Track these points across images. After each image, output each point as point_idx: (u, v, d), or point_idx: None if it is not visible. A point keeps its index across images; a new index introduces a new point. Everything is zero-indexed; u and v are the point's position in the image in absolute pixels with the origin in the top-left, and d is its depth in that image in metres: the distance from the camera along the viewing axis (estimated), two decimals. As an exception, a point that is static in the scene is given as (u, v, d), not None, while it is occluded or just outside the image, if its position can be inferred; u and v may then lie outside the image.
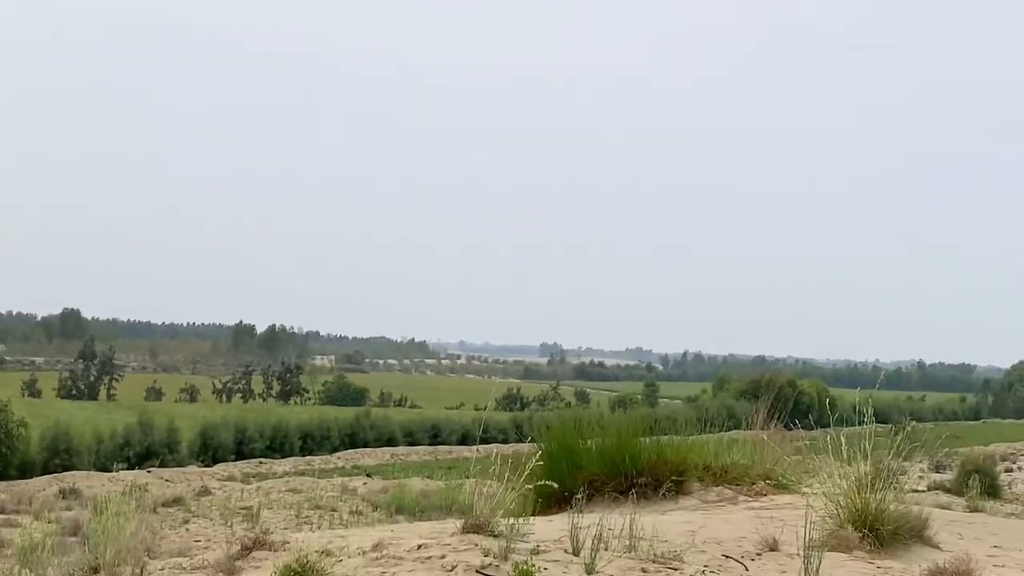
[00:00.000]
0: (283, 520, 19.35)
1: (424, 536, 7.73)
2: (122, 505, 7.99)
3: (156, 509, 20.49)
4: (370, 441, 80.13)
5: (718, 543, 8.25)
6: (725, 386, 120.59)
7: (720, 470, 13.45)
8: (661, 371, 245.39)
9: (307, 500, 24.02)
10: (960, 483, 24.44)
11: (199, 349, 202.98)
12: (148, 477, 40.63)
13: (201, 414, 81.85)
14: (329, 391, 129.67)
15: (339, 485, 30.44)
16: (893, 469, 9.05)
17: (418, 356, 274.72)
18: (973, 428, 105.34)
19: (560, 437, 13.52)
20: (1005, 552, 9.33)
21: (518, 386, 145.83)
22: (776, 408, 15.40)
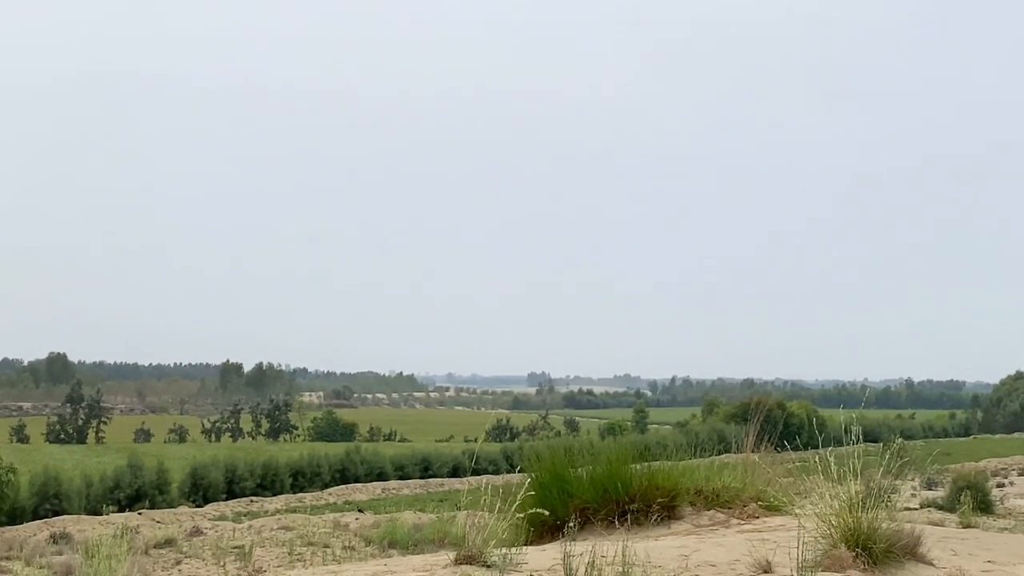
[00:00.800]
0: (276, 558, 19.24)
1: (417, 569, 7.72)
2: (113, 548, 7.98)
3: (148, 551, 20.36)
4: (361, 476, 79.92)
5: (712, 566, 8.25)
6: (714, 410, 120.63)
7: (711, 494, 13.44)
8: (650, 397, 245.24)
9: (299, 537, 23.89)
10: (952, 499, 24.47)
11: (187, 389, 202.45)
12: (139, 519, 40.40)
13: (191, 454, 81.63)
14: (318, 427, 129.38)
15: (331, 521, 30.31)
16: (884, 487, 9.07)
17: (406, 390, 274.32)
18: (963, 444, 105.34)
19: (550, 466, 13.50)
20: (999, 567, 9.34)
21: (507, 417, 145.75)
22: (766, 430, 15.42)
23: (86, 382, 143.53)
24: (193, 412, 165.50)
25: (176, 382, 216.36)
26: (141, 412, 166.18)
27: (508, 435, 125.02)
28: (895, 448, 9.42)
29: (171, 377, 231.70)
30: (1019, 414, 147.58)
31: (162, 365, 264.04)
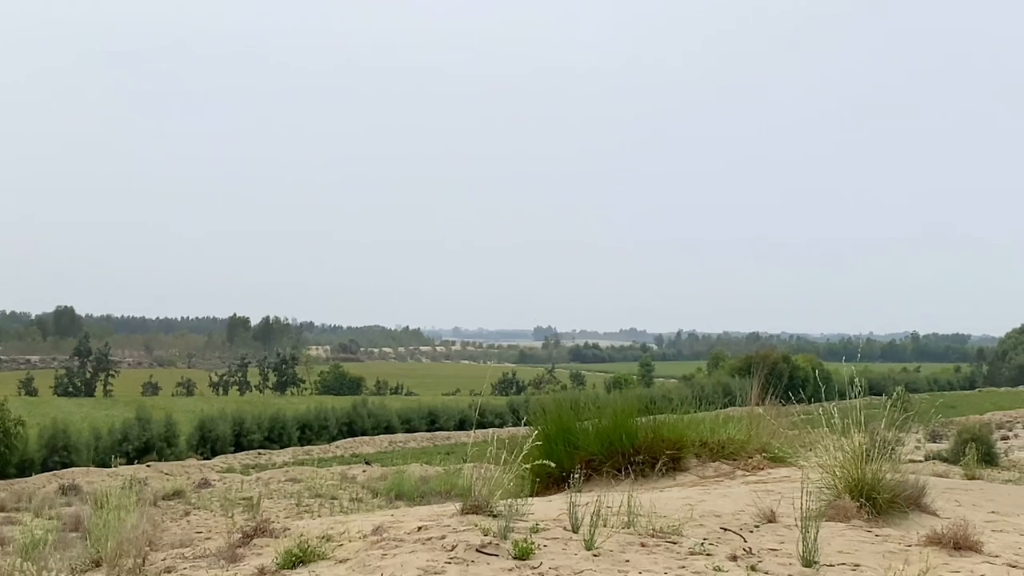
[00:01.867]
0: (283, 509, 19.35)
1: (424, 519, 7.76)
2: (122, 499, 8.01)
3: (156, 502, 20.46)
4: (368, 429, 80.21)
5: (716, 516, 8.28)
6: (720, 363, 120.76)
7: (717, 446, 13.49)
8: (656, 351, 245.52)
9: (307, 489, 24.00)
10: (957, 452, 24.50)
11: (194, 343, 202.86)
12: (147, 471, 40.60)
13: (198, 407, 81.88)
14: (325, 381, 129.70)
15: (338, 473, 30.43)
16: (888, 440, 9.08)
17: (413, 343, 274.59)
18: (968, 397, 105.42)
19: (556, 419, 13.55)
20: (1003, 517, 9.38)
21: (513, 370, 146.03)
22: (771, 383, 15.45)
23: (94, 336, 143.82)
24: (200, 366, 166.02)
25: (183, 336, 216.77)
26: (149, 366, 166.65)
27: (514, 388, 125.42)
28: (898, 399, 9.40)
29: (178, 331, 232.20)
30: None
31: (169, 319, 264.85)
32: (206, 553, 8.15)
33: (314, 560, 6.63)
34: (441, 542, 6.62)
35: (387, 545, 6.75)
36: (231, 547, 7.86)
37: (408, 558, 6.27)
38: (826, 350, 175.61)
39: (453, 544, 6.51)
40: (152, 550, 8.49)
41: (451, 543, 6.54)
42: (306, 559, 6.62)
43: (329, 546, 7.10)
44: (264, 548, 7.68)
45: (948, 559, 6.84)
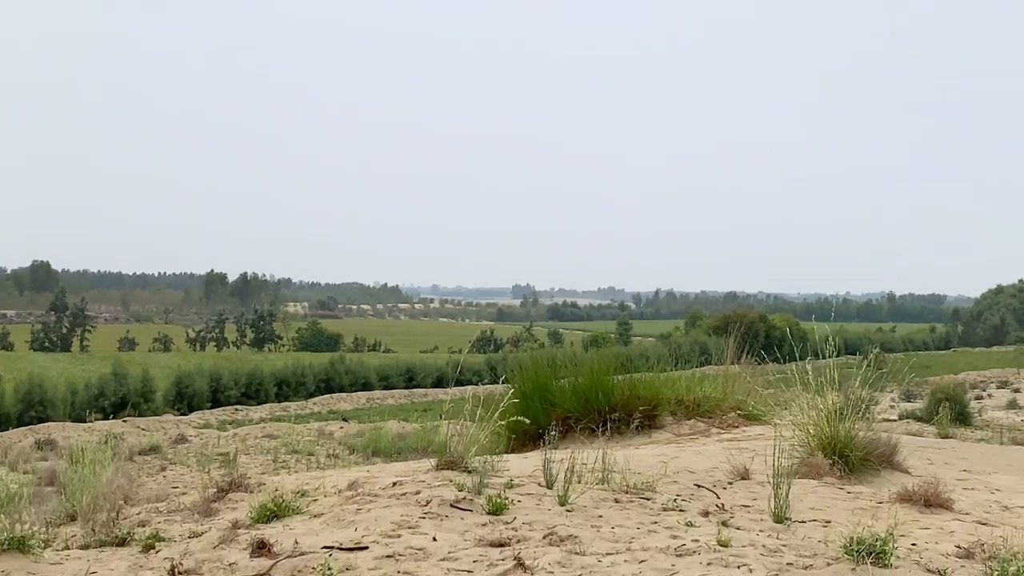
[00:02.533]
0: (260, 465, 19.36)
1: (399, 475, 7.78)
2: (98, 454, 7.99)
3: (132, 457, 20.44)
4: (345, 386, 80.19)
5: (691, 473, 8.33)
6: (697, 323, 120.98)
7: (692, 404, 13.57)
8: (634, 310, 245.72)
9: (284, 445, 24.00)
10: (930, 411, 24.67)
11: (171, 299, 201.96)
12: (124, 426, 40.49)
13: (175, 363, 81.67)
14: (303, 337, 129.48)
15: (315, 430, 30.44)
16: (863, 399, 9.14)
17: (391, 301, 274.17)
18: (943, 357, 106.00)
19: (533, 376, 13.59)
20: (974, 475, 9.46)
21: (492, 328, 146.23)
22: (747, 343, 15.53)
23: (70, 290, 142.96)
24: (177, 322, 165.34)
25: (160, 291, 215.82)
26: (125, 321, 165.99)
27: (492, 346, 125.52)
28: (872, 357, 9.44)
29: (155, 286, 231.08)
30: (999, 328, 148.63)
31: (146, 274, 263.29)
32: (181, 507, 8.16)
33: (288, 515, 6.65)
34: (416, 497, 6.64)
35: (362, 500, 6.77)
36: (206, 501, 7.87)
37: (382, 512, 6.29)
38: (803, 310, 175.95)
39: (427, 499, 6.53)
40: (128, 505, 8.49)
41: (425, 498, 6.56)
42: (280, 514, 6.63)
43: (304, 501, 7.12)
44: (239, 503, 7.70)
45: (919, 516, 6.90)
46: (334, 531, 6.00)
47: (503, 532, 5.84)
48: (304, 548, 5.48)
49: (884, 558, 5.06)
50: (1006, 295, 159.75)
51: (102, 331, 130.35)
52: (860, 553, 5.09)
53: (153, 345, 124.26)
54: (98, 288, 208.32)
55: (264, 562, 5.23)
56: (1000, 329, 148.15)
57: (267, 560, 5.27)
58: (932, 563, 5.19)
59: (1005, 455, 12.29)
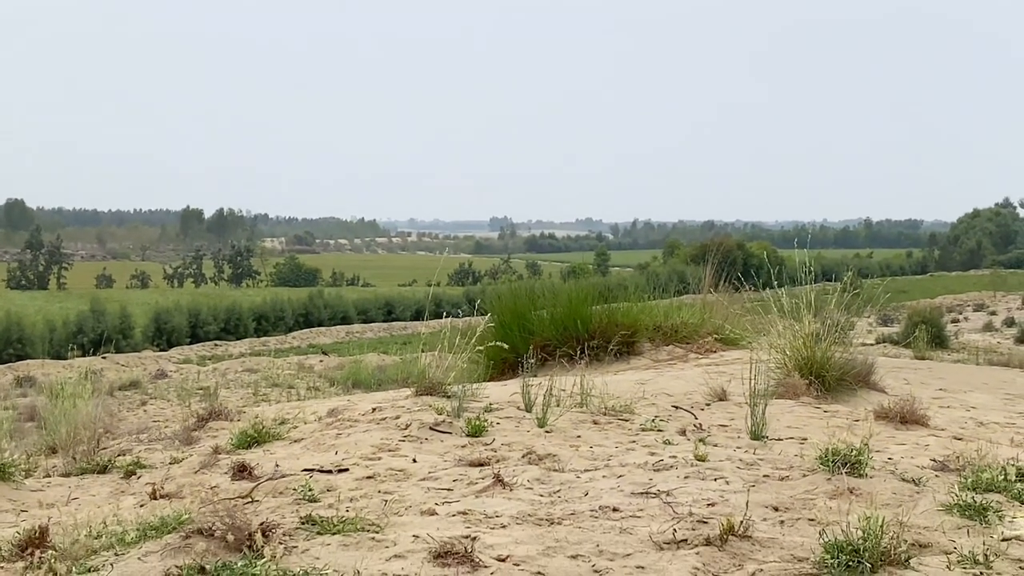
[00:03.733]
0: (241, 399, 19.40)
1: (378, 402, 7.82)
2: (78, 389, 8.00)
3: (113, 393, 20.47)
4: (324, 320, 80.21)
5: (668, 396, 8.40)
6: (675, 252, 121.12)
7: (670, 329, 13.63)
8: (612, 240, 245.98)
9: (264, 379, 24.07)
10: (907, 335, 24.80)
11: (148, 235, 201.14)
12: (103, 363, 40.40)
13: (153, 299, 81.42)
14: (281, 273, 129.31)
15: (295, 364, 30.50)
16: (839, 322, 9.20)
17: (368, 235, 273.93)
18: (920, 282, 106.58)
19: (512, 306, 13.61)
20: (950, 394, 9.57)
21: (470, 261, 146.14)
22: (725, 270, 15.56)
23: (45, 228, 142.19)
24: (154, 258, 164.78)
25: (137, 228, 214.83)
26: (102, 258, 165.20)
27: (471, 279, 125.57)
28: (847, 280, 9.49)
29: (131, 223, 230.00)
30: (975, 252, 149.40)
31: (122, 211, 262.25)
32: (162, 437, 8.19)
33: (269, 440, 6.68)
34: (395, 422, 6.68)
35: (341, 425, 6.81)
36: (187, 430, 7.90)
37: (362, 437, 6.33)
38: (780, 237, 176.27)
39: (407, 423, 6.57)
40: (110, 438, 8.52)
41: (405, 422, 6.60)
42: (261, 440, 6.67)
43: (284, 428, 7.15)
44: (219, 431, 7.73)
45: (895, 432, 6.97)
46: (314, 455, 6.04)
47: (482, 453, 5.89)
48: (285, 471, 5.51)
49: (859, 468, 5.12)
50: (982, 219, 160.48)
51: (79, 268, 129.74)
52: (835, 464, 5.15)
53: (130, 282, 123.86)
54: (74, 226, 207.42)
55: (245, 484, 5.26)
56: (976, 253, 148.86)
57: (248, 483, 5.30)
58: (907, 473, 5.25)
59: (980, 374, 12.42)
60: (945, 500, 4.62)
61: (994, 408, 8.75)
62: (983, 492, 4.81)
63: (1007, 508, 4.59)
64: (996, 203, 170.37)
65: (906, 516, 4.16)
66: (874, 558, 3.78)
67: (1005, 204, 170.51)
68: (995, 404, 9.05)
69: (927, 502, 4.67)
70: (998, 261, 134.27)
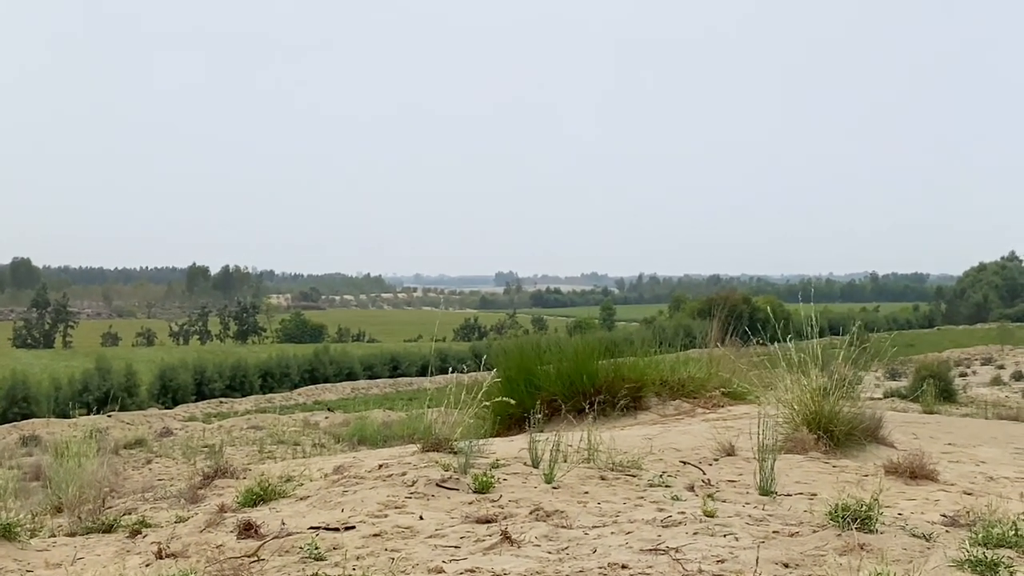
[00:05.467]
0: (246, 456, 19.32)
1: (384, 459, 7.78)
2: (83, 447, 7.98)
3: (118, 451, 20.37)
4: (330, 376, 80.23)
5: (676, 451, 8.36)
6: (681, 306, 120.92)
7: (677, 384, 13.58)
8: (617, 295, 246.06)
9: (269, 436, 23.98)
10: (915, 389, 24.73)
11: (154, 293, 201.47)
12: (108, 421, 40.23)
13: (159, 357, 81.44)
14: (287, 329, 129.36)
15: (301, 420, 30.40)
16: (847, 377, 9.17)
17: (374, 291, 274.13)
18: (927, 336, 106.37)
19: (518, 361, 13.57)
20: (959, 448, 9.52)
21: (475, 316, 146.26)
22: (731, 324, 15.54)
23: (51, 287, 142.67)
24: (160, 316, 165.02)
25: (143, 286, 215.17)
26: (108, 316, 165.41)
27: (476, 334, 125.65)
28: (853, 333, 9.48)
29: (137, 281, 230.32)
30: (982, 305, 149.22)
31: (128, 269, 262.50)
32: (167, 495, 8.16)
33: (275, 498, 6.64)
34: (402, 478, 6.64)
35: (348, 483, 6.77)
36: (192, 488, 7.87)
37: (369, 494, 6.29)
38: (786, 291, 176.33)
39: (413, 480, 6.53)
40: (115, 496, 8.48)
41: (411, 479, 6.56)
42: (267, 497, 6.63)
43: (290, 485, 7.12)
44: (225, 489, 7.70)
45: (905, 488, 6.93)
46: (320, 512, 6.00)
47: (489, 509, 5.85)
48: (291, 529, 5.48)
49: (870, 523, 5.09)
50: (988, 272, 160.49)
51: (85, 327, 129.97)
52: (846, 519, 5.12)
53: (136, 340, 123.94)
54: (80, 284, 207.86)
55: (251, 543, 5.23)
56: (983, 307, 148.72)
57: (254, 541, 5.26)
58: (918, 529, 5.22)
59: (989, 429, 12.36)
60: (956, 556, 4.58)
61: (1004, 463, 8.70)
62: (994, 547, 4.77)
63: (1018, 563, 4.55)
64: (1002, 256, 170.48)
65: (917, 572, 4.13)
66: (886, 614, 3.75)
67: (1011, 258, 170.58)
68: (1005, 458, 9.00)
69: (938, 558, 4.64)
70: (1005, 314, 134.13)
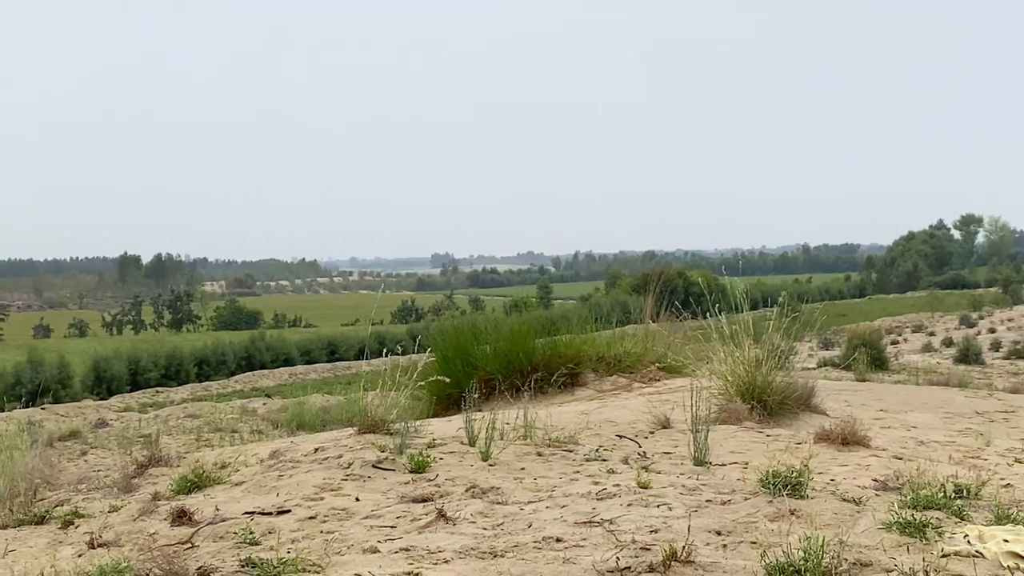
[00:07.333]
0: (183, 445, 19.14)
1: (321, 442, 7.76)
2: (15, 439, 7.88)
3: (52, 443, 20.10)
4: (267, 363, 79.64)
5: (613, 425, 8.42)
6: (617, 283, 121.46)
7: (613, 360, 13.66)
8: (554, 273, 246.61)
9: (206, 424, 23.77)
10: (848, 358, 25.02)
11: (85, 283, 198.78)
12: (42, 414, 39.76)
13: (92, 348, 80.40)
14: (222, 316, 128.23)
15: (238, 407, 30.16)
16: (780, 347, 9.28)
17: (310, 275, 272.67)
18: (859, 305, 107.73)
19: (455, 341, 13.59)
20: (891, 414, 9.66)
21: (412, 298, 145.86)
22: (667, 299, 15.63)
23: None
24: (93, 306, 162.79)
25: (74, 277, 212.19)
26: (39, 308, 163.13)
27: (414, 316, 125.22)
28: (782, 303, 9.59)
29: (68, 272, 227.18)
30: (912, 274, 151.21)
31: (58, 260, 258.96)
32: (101, 486, 8.08)
33: (210, 485, 6.60)
34: (338, 461, 6.62)
35: (283, 467, 6.75)
36: (126, 478, 7.79)
37: (304, 477, 6.27)
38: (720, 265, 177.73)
39: (350, 462, 6.52)
40: (49, 488, 8.38)
41: (347, 461, 6.55)
42: (201, 484, 6.59)
43: (225, 472, 7.08)
44: (159, 477, 7.63)
45: (837, 454, 7.03)
46: (255, 497, 5.97)
47: (426, 488, 5.85)
48: (225, 515, 5.44)
49: (800, 489, 5.15)
50: (917, 241, 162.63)
51: (15, 319, 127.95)
52: (777, 486, 5.18)
53: (68, 331, 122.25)
54: (9, 276, 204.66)
55: (185, 530, 5.19)
56: (913, 275, 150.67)
57: (188, 528, 5.22)
58: (848, 493, 5.29)
59: (920, 395, 12.54)
60: (885, 519, 4.65)
61: (934, 427, 8.85)
62: (923, 510, 4.84)
63: (946, 524, 4.62)
64: (930, 225, 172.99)
65: (847, 535, 4.19)
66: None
67: (939, 226, 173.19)
68: (935, 423, 9.15)
69: (867, 521, 4.70)
70: (934, 282, 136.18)
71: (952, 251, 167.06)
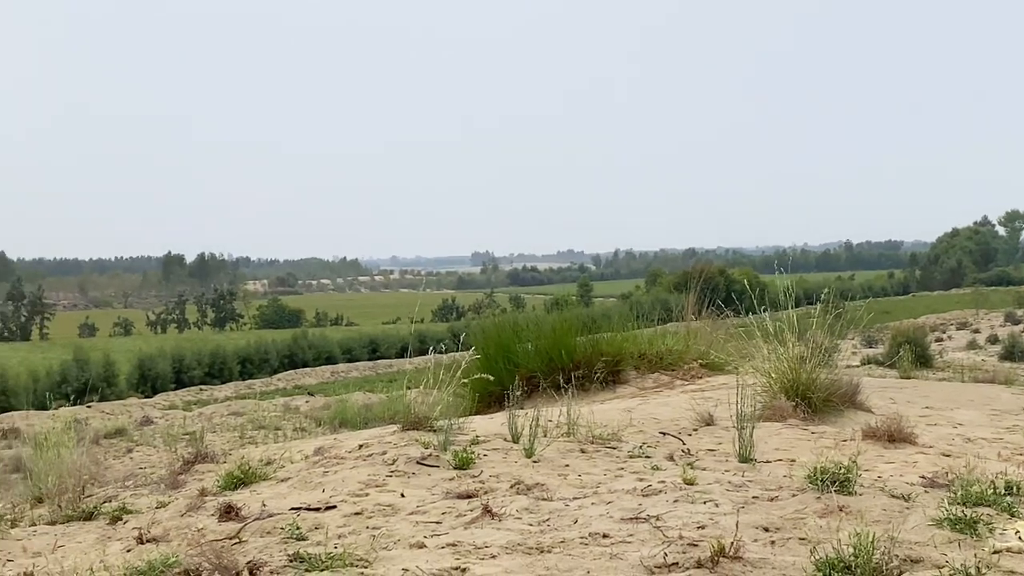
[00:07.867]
0: (227, 442, 19.30)
1: (365, 439, 7.78)
2: (63, 437, 7.96)
3: (98, 441, 20.30)
4: (309, 361, 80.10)
5: (656, 422, 8.39)
6: (657, 280, 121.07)
7: (655, 357, 13.61)
8: (594, 271, 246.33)
9: (250, 422, 23.96)
10: (892, 355, 24.81)
11: (130, 283, 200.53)
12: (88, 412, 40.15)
13: (137, 346, 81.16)
14: (264, 315, 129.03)
15: (281, 405, 30.36)
16: (824, 345, 9.21)
17: (351, 274, 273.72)
18: (902, 303, 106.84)
19: (496, 339, 13.58)
20: (936, 411, 9.58)
21: (453, 296, 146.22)
22: (708, 297, 15.57)
23: (26, 279, 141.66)
24: (137, 305, 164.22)
25: (118, 276, 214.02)
26: (84, 307, 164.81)
27: (454, 314, 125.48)
28: (826, 300, 9.51)
29: (113, 271, 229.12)
30: (956, 270, 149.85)
31: (103, 259, 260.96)
32: (148, 482, 8.14)
33: (255, 481, 6.63)
34: (382, 457, 6.64)
35: (328, 463, 6.77)
36: (173, 475, 7.85)
37: (349, 473, 6.29)
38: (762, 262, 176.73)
39: (394, 458, 6.53)
40: (96, 485, 8.46)
41: (392, 457, 6.56)
42: (247, 480, 6.62)
43: (270, 468, 7.11)
44: (206, 474, 7.69)
45: (883, 451, 6.97)
46: (301, 493, 6.00)
47: (470, 485, 5.86)
48: (272, 510, 5.47)
49: (848, 486, 5.12)
50: (961, 238, 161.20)
51: (61, 318, 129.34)
52: (824, 482, 5.15)
53: (113, 330, 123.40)
54: (55, 275, 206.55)
55: (233, 525, 5.22)
56: (957, 272, 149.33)
57: (235, 523, 5.26)
58: (896, 490, 5.25)
59: (966, 392, 12.43)
60: (935, 515, 4.61)
61: (981, 424, 8.76)
62: (973, 506, 4.80)
63: (997, 521, 4.59)
64: (975, 221, 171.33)
65: (897, 532, 4.16)
66: (866, 574, 3.77)
67: (984, 222, 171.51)
68: (982, 420, 9.06)
69: (917, 517, 4.67)
70: (979, 279, 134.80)
71: (997, 248, 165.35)
